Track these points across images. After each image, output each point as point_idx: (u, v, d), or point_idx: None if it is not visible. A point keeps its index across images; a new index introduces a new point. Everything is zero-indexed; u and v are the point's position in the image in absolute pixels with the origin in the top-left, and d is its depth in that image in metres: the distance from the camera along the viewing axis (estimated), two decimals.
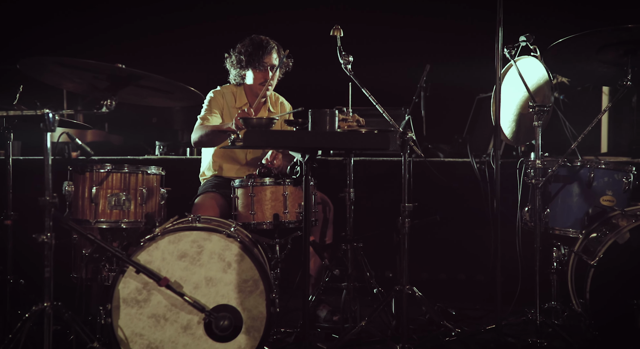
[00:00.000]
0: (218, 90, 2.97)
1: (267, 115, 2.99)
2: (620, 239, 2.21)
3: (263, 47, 2.87)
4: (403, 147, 2.40)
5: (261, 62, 2.87)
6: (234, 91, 2.99)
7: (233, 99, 2.96)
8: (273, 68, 2.89)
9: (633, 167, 2.61)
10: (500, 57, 2.49)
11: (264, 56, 2.87)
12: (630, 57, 2.23)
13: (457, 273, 3.58)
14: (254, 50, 2.86)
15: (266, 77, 2.88)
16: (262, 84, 2.89)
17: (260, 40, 2.91)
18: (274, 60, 2.91)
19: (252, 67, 2.89)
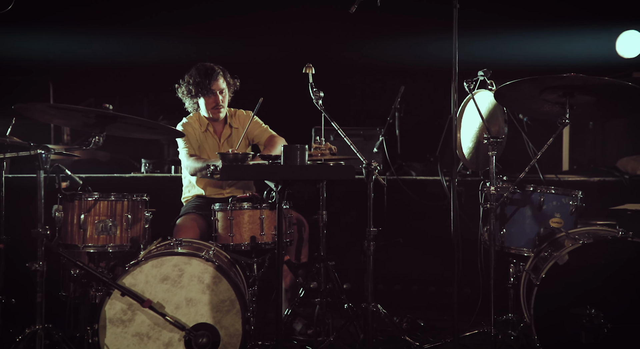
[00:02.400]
0: (185, 122, 3.22)
1: (230, 131, 3.24)
2: (560, 261, 2.44)
3: (209, 75, 3.11)
4: (367, 176, 2.62)
5: (209, 89, 3.11)
6: (197, 118, 3.24)
7: (198, 125, 3.20)
8: (222, 92, 3.14)
9: (579, 192, 2.84)
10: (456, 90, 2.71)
11: (211, 83, 3.12)
12: (567, 98, 2.47)
13: (428, 286, 3.81)
14: (201, 79, 3.11)
15: (217, 101, 3.15)
16: (215, 107, 3.14)
17: (205, 68, 3.15)
18: (222, 85, 3.16)
19: (202, 95, 3.14)
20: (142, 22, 4.49)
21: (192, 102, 3.22)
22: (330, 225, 2.98)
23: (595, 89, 2.48)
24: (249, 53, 4.27)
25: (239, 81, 3.26)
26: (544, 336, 2.43)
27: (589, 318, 2.40)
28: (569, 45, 4.29)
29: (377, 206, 3.65)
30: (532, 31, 4.27)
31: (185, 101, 3.24)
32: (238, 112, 3.32)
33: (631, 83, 4.06)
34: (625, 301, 2.40)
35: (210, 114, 3.18)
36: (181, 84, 3.21)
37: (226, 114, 3.27)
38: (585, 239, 2.50)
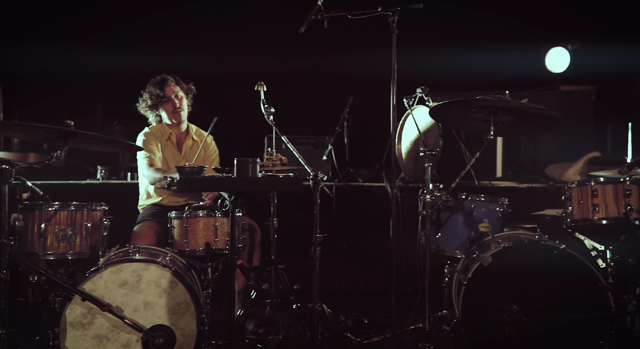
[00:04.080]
0: (147, 132, 3.38)
1: (192, 143, 3.42)
2: (485, 262, 2.74)
3: (162, 82, 3.34)
4: (314, 187, 2.85)
5: (165, 95, 3.32)
6: (159, 128, 3.41)
7: (160, 134, 3.37)
8: (178, 96, 3.35)
9: (505, 199, 3.16)
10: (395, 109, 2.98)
11: (165, 89, 3.33)
12: (492, 117, 2.77)
13: (373, 285, 4.08)
14: (155, 89, 3.33)
15: (174, 105, 3.35)
16: (174, 112, 3.33)
17: (157, 78, 3.37)
18: (176, 89, 3.37)
19: (160, 103, 3.34)
20: (93, 29, 4.57)
21: (155, 115, 3.38)
22: (282, 230, 3.20)
23: (514, 110, 2.80)
24: (202, 64, 4.42)
25: (193, 85, 3.44)
26: (471, 330, 2.72)
27: (509, 313, 2.70)
28: (505, 61, 4.66)
29: (327, 211, 3.91)
30: (471, 48, 4.62)
31: (147, 115, 3.40)
32: (203, 133, 3.50)
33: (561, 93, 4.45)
34: (540, 296, 2.71)
35: (173, 120, 3.36)
36: (140, 101, 3.38)
37: (188, 126, 3.44)
38: (506, 242, 2.81)
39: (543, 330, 2.66)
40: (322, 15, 2.99)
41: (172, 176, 2.61)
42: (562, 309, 2.65)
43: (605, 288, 2.60)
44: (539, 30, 4.63)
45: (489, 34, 4.63)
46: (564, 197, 2.95)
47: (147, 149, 3.27)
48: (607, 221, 2.75)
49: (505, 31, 4.59)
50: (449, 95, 4.06)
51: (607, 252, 2.81)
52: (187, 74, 3.51)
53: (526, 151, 4.69)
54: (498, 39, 4.62)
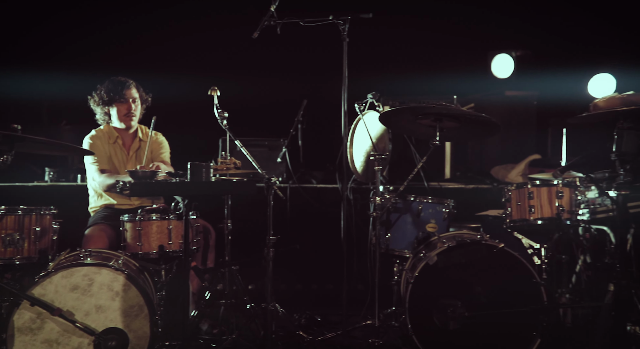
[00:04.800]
0: (94, 135, 3.35)
1: (139, 145, 3.41)
2: (430, 261, 2.89)
3: (122, 83, 3.31)
4: (267, 190, 2.91)
5: (122, 95, 3.30)
6: (106, 130, 3.38)
7: (107, 138, 3.35)
8: (135, 101, 3.32)
9: (451, 200, 3.32)
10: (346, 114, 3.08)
11: (124, 90, 3.31)
12: (438, 123, 2.92)
13: (326, 284, 4.18)
14: (114, 87, 3.30)
15: (129, 109, 3.33)
16: (127, 115, 3.31)
17: (119, 79, 3.34)
18: (135, 94, 3.36)
19: (115, 102, 3.31)
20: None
21: (104, 113, 3.34)
22: (236, 231, 3.25)
23: (458, 117, 2.95)
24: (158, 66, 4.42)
25: (150, 98, 3.42)
26: (417, 325, 2.85)
27: (453, 308, 2.86)
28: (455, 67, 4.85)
29: (281, 212, 3.98)
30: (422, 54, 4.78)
31: (96, 110, 3.35)
32: (147, 129, 3.49)
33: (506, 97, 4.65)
34: (483, 292, 2.87)
35: (122, 123, 3.33)
36: (94, 94, 3.33)
37: (137, 128, 3.42)
38: (450, 242, 2.96)
39: (484, 323, 2.83)
40: (274, 21, 3.06)
41: (124, 180, 2.62)
42: (501, 303, 2.82)
43: (539, 283, 2.78)
44: (486, 38, 4.85)
45: (441, 41, 4.82)
46: (504, 199, 3.13)
47: (95, 152, 3.24)
48: (542, 221, 2.94)
49: (454, 38, 4.79)
50: (401, 99, 4.21)
51: (541, 250, 3.01)
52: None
53: (473, 153, 4.89)
54: (449, 45, 4.82)
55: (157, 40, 4.57)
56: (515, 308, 2.76)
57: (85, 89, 3.44)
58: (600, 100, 2.98)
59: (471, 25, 4.77)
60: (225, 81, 3.20)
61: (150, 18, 4.57)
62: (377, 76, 4.63)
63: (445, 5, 4.68)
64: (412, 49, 4.75)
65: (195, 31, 4.57)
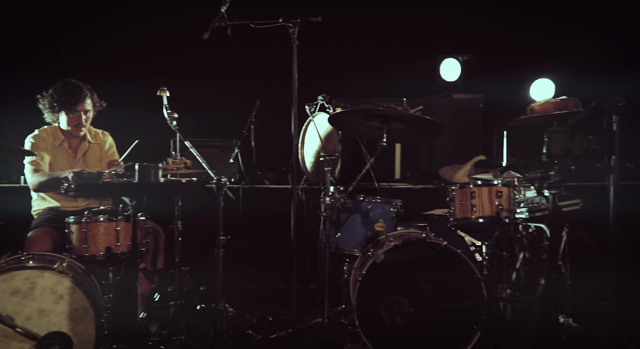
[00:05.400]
0: (37, 134, 3.25)
1: (87, 147, 3.35)
2: (377, 260, 2.97)
3: (76, 95, 3.18)
4: (218, 190, 2.93)
5: (74, 109, 3.19)
6: (51, 131, 3.29)
7: (52, 139, 3.26)
8: (87, 113, 3.25)
9: (399, 200, 3.42)
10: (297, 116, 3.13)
11: (77, 104, 3.20)
12: (385, 125, 3.01)
13: (278, 284, 4.22)
14: (67, 98, 3.17)
15: (80, 121, 3.23)
16: (77, 126, 3.24)
17: (73, 87, 3.20)
18: (87, 106, 3.25)
19: (65, 112, 3.21)
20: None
21: (52, 115, 3.25)
22: (188, 232, 3.24)
23: (404, 119, 3.05)
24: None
25: (105, 103, 3.35)
26: (364, 322, 2.94)
27: (399, 305, 2.95)
28: (405, 70, 4.98)
29: (234, 213, 3.99)
30: (374, 57, 4.89)
31: (45, 112, 3.26)
32: (98, 131, 3.42)
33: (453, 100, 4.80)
34: (429, 289, 2.98)
35: (72, 132, 3.25)
36: (44, 96, 3.22)
37: (88, 131, 3.36)
38: (397, 240, 3.06)
39: (429, 318, 2.94)
40: (225, 22, 3.08)
41: (62, 177, 2.57)
42: (445, 299, 2.93)
43: (479, 279, 2.91)
44: (435, 43, 5.00)
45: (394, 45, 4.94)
46: (448, 199, 3.25)
47: (36, 151, 3.16)
48: (483, 220, 3.08)
49: (406, 42, 4.92)
50: (352, 101, 4.29)
51: (483, 247, 3.14)
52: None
53: (423, 155, 5.03)
54: (401, 49, 4.95)
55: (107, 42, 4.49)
56: (458, 303, 2.88)
57: (30, 89, 3.35)
58: (536, 104, 3.14)
59: (421, 31, 4.91)
60: (177, 82, 3.19)
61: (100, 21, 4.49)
62: (331, 78, 4.72)
63: (397, 10, 4.81)
64: (365, 53, 4.85)
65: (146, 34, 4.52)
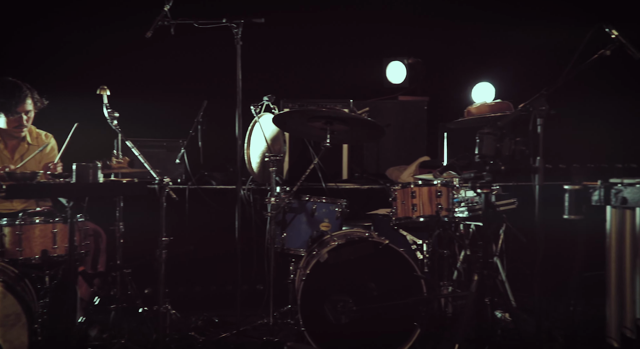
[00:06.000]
0: None
1: (27, 148, 3.24)
2: (321, 259, 3.01)
3: (16, 96, 3.07)
4: (160, 191, 2.89)
5: (14, 111, 3.09)
6: None
7: None
8: (28, 113, 3.14)
9: (344, 200, 3.47)
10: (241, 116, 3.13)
11: (18, 106, 3.09)
12: (328, 126, 3.06)
13: (226, 285, 4.19)
14: (7, 100, 3.06)
15: (20, 122, 3.13)
16: (17, 127, 3.13)
17: (11, 87, 3.09)
18: (28, 106, 3.15)
19: (5, 114, 3.10)
20: None
21: None
22: (131, 234, 3.18)
23: (347, 121, 3.10)
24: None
25: (46, 100, 3.23)
26: (308, 321, 2.97)
27: (343, 303, 3.00)
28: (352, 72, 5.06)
29: (180, 213, 3.94)
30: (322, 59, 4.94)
31: None
32: (40, 133, 3.31)
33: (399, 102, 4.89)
34: (370, 287, 3.04)
35: (12, 132, 3.12)
36: None
37: (28, 132, 3.24)
38: (340, 240, 3.10)
39: (372, 316, 3.00)
40: (168, 21, 3.04)
41: None
42: (388, 297, 3.00)
43: (419, 276, 2.99)
44: (382, 46, 5.10)
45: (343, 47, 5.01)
46: (391, 199, 3.33)
47: None
48: (424, 219, 3.17)
49: (355, 45, 5.00)
50: (300, 102, 4.32)
51: (424, 245, 3.24)
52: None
53: (370, 155, 5.12)
54: (349, 52, 5.02)
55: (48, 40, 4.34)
56: (399, 301, 2.96)
57: None
58: (473, 107, 3.26)
59: (369, 34, 5.00)
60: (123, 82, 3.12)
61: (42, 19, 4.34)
62: (280, 79, 4.73)
63: (345, 14, 4.88)
64: (314, 54, 4.90)
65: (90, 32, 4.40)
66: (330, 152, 4.29)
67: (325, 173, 4.12)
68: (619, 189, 2.15)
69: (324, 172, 4.10)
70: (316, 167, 4.00)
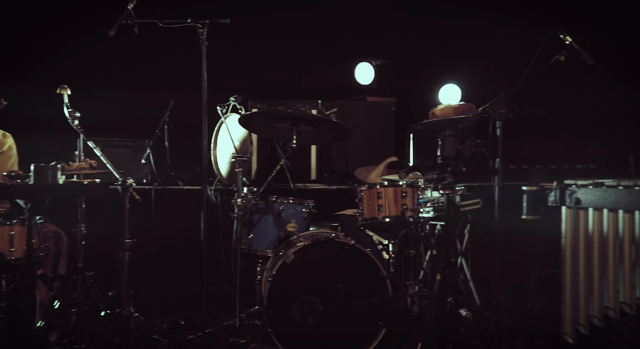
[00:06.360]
0: None
1: None
2: (287, 260, 3.01)
3: None
4: (123, 193, 2.84)
5: None
6: None
7: None
8: None
9: (311, 201, 3.48)
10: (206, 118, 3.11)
11: None
12: (295, 127, 3.06)
13: (192, 286, 4.15)
14: None
15: None
16: None
17: None
18: None
19: None
20: None
21: None
22: (95, 236, 3.11)
23: (313, 122, 3.11)
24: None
25: (5, 101, 3.13)
26: (275, 321, 2.96)
27: (309, 304, 3.00)
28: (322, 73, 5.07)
29: (146, 215, 3.88)
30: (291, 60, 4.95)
31: None
32: (2, 132, 3.21)
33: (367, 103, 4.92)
34: (337, 287, 3.05)
35: None
36: None
37: None
38: (306, 241, 3.11)
39: (338, 317, 3.01)
40: (132, 20, 2.99)
41: None
42: (354, 297, 3.02)
43: (384, 276, 3.02)
44: (350, 47, 5.13)
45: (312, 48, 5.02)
46: (357, 199, 3.35)
47: None
48: (389, 219, 3.20)
49: (324, 45, 5.02)
50: (269, 102, 4.31)
51: (389, 245, 3.27)
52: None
53: (339, 156, 5.15)
54: (319, 52, 5.04)
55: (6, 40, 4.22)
56: (364, 300, 2.98)
57: None
58: (437, 109, 3.31)
59: (339, 35, 5.03)
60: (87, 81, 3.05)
61: None
62: (249, 80, 4.71)
63: (315, 14, 4.89)
64: (285, 55, 4.90)
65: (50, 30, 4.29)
66: (299, 152, 4.31)
67: (293, 173, 4.12)
68: (573, 191, 2.21)
69: (293, 172, 4.11)
70: (284, 168, 4.00)
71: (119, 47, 3.65)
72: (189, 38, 3.35)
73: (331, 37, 5.02)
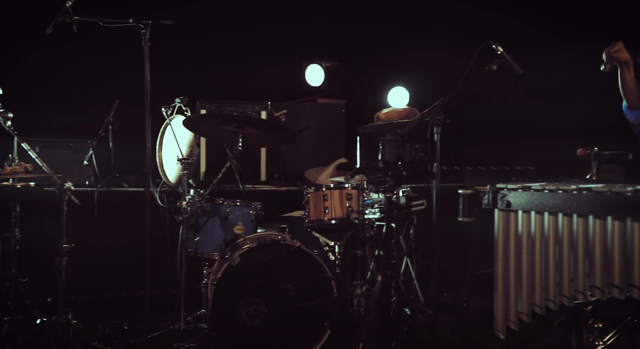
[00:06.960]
0: None
1: None
2: (233, 262, 3.00)
3: None
4: (60, 196, 2.75)
5: None
6: None
7: None
8: None
9: (259, 203, 3.46)
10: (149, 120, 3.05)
11: None
12: (241, 130, 3.04)
13: (138, 290, 4.05)
14: None
15: None
16: None
17: None
18: None
19: None
20: None
21: None
22: (35, 240, 3.00)
23: (258, 125, 3.10)
24: None
25: None
26: (219, 325, 2.94)
27: (255, 307, 3.00)
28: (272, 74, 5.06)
29: (88, 217, 3.77)
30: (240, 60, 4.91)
31: None
32: None
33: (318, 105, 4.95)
34: (283, 289, 3.05)
35: None
36: None
37: None
38: (252, 243, 3.10)
39: (284, 319, 3.01)
40: (70, 18, 2.91)
41: None
42: (301, 299, 3.03)
43: (330, 277, 3.05)
44: (300, 49, 5.14)
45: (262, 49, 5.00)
46: (304, 201, 3.36)
47: None
48: (335, 221, 3.23)
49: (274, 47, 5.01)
50: (218, 104, 4.27)
51: (335, 247, 3.30)
52: None
53: (290, 157, 5.15)
54: (269, 53, 5.02)
55: None
56: (309, 302, 3.00)
57: None
58: (382, 112, 3.37)
59: (289, 36, 5.03)
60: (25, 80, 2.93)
61: None
62: (199, 80, 4.65)
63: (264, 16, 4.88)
64: (235, 56, 4.86)
65: None
66: (249, 153, 4.29)
67: (243, 175, 4.10)
68: (504, 194, 2.30)
69: (242, 174, 4.09)
70: (233, 169, 3.98)
71: (61, 45, 3.54)
72: (137, 37, 3.29)
73: (282, 38, 5.02)
